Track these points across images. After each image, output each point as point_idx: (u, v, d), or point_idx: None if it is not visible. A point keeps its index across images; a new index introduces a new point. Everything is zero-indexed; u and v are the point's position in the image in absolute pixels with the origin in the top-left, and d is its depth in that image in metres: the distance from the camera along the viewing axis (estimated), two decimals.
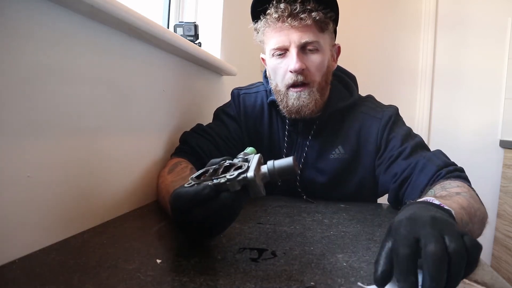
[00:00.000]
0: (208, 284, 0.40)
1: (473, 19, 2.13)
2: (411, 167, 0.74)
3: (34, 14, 0.46)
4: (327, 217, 0.73)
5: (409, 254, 0.34)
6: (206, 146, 0.81)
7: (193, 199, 0.43)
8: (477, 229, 0.57)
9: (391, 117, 0.83)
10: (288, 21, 0.74)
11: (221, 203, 0.43)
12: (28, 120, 0.46)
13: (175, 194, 0.46)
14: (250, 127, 0.90)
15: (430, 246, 0.33)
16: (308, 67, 0.77)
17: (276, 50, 0.78)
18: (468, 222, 0.52)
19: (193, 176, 0.47)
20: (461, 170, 0.70)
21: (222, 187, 0.43)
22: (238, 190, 0.43)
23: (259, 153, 0.49)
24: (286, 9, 0.74)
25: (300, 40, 0.75)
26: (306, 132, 0.86)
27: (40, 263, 0.44)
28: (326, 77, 0.81)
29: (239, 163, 0.46)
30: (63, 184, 0.52)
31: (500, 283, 0.43)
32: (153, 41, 0.74)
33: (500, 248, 1.95)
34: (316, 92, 0.79)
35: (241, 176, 0.43)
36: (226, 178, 0.43)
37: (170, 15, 1.21)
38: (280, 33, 0.77)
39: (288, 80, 0.78)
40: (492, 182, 2.05)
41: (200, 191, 0.43)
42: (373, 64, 2.26)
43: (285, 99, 0.80)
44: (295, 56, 0.76)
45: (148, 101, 0.77)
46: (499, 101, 2.11)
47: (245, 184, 0.43)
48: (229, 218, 0.48)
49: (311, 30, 0.76)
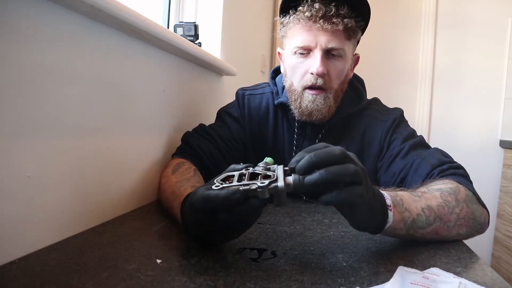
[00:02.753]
0: (208, 284, 0.40)
1: (473, 19, 2.13)
2: (407, 167, 0.74)
3: (34, 14, 0.46)
4: (327, 217, 0.73)
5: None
6: (207, 147, 0.81)
7: (224, 202, 0.43)
8: (456, 226, 0.57)
9: (395, 119, 0.82)
10: (320, 22, 0.72)
11: (248, 209, 0.43)
12: (28, 120, 0.46)
13: (204, 196, 0.45)
14: (254, 129, 0.89)
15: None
16: (329, 73, 0.76)
17: (300, 48, 0.76)
18: (432, 222, 0.54)
19: (218, 179, 0.47)
20: (457, 167, 0.70)
21: (251, 193, 0.44)
22: (266, 198, 0.44)
23: (282, 164, 0.49)
24: (320, 9, 0.72)
25: (327, 44, 0.74)
26: (314, 136, 0.85)
27: (40, 263, 0.44)
28: (342, 85, 0.80)
29: (265, 172, 0.46)
30: (63, 184, 0.52)
31: (500, 283, 0.43)
32: (153, 41, 0.74)
33: (500, 248, 1.95)
34: (331, 99, 0.78)
35: (272, 185, 0.43)
36: (257, 185, 0.43)
37: (170, 15, 1.21)
38: (309, 33, 0.75)
39: (307, 82, 0.77)
40: (492, 182, 2.05)
41: (231, 195, 0.43)
42: (373, 64, 2.26)
43: (299, 100, 0.79)
44: (319, 59, 0.74)
45: (148, 101, 0.77)
46: (499, 101, 2.11)
47: (273, 193, 0.44)
48: (248, 224, 0.48)
49: (339, 36, 0.74)
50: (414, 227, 0.53)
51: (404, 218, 0.52)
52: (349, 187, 0.43)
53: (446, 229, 0.56)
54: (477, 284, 0.40)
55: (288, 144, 0.87)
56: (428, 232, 0.55)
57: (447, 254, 0.52)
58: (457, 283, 0.40)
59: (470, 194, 0.62)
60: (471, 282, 0.41)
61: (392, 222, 0.50)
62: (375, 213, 0.48)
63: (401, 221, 0.52)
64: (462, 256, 0.52)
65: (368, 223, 0.48)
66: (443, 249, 0.54)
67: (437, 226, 0.55)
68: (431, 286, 0.39)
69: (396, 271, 0.43)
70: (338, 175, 0.42)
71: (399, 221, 0.51)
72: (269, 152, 0.88)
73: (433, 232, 0.55)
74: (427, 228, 0.54)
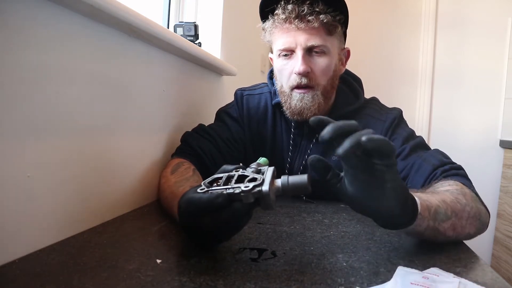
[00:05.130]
0: (208, 284, 0.40)
1: (473, 19, 2.13)
2: (408, 168, 0.74)
3: (34, 14, 0.46)
4: (327, 217, 0.73)
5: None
6: (207, 147, 0.81)
7: (206, 206, 0.43)
8: (467, 225, 0.57)
9: (394, 119, 0.82)
10: (295, 22, 0.73)
11: (232, 213, 0.43)
12: (28, 120, 0.46)
13: (188, 199, 0.46)
14: (253, 129, 0.89)
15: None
16: (314, 70, 0.77)
17: (282, 51, 0.78)
18: (450, 216, 0.52)
19: (206, 182, 0.47)
20: (458, 168, 0.70)
21: (235, 197, 0.43)
22: (250, 202, 0.44)
23: (273, 166, 0.49)
24: (293, 10, 0.73)
25: (306, 42, 0.75)
26: (311, 135, 0.85)
27: (40, 263, 0.44)
28: (332, 81, 0.80)
29: (253, 175, 0.46)
30: (63, 184, 0.52)
31: (500, 283, 0.43)
32: (153, 41, 0.74)
33: (500, 248, 1.95)
34: (320, 96, 0.78)
35: (256, 189, 0.43)
36: (241, 189, 0.43)
37: (170, 15, 1.21)
38: (287, 34, 0.76)
39: (293, 82, 0.78)
40: (492, 182, 2.05)
41: (214, 199, 0.43)
42: (373, 64, 2.26)
43: (289, 100, 0.80)
44: (300, 58, 0.75)
45: (148, 101, 0.77)
46: (499, 101, 2.11)
47: (258, 197, 0.43)
48: (237, 228, 0.47)
49: (318, 33, 0.75)
50: (437, 219, 0.51)
51: (428, 206, 0.49)
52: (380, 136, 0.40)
53: (461, 227, 0.55)
54: (477, 284, 0.40)
55: (287, 143, 0.88)
56: (448, 227, 0.52)
57: (447, 254, 0.52)
58: (457, 283, 0.40)
59: (474, 195, 0.62)
60: (471, 282, 0.41)
61: (420, 208, 0.47)
62: (406, 194, 0.45)
63: (426, 210, 0.49)
64: (462, 256, 0.52)
65: (400, 209, 0.45)
66: (443, 249, 0.54)
67: (454, 221, 0.53)
68: (431, 286, 0.39)
69: (396, 271, 0.43)
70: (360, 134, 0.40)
71: (425, 209, 0.48)
72: (269, 151, 0.88)
73: (451, 228, 0.53)
74: (447, 221, 0.52)
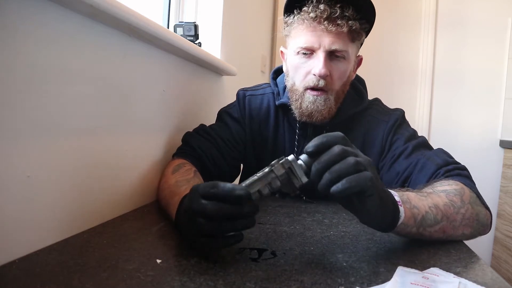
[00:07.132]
0: (208, 284, 0.40)
1: (473, 19, 2.13)
2: (411, 166, 0.74)
3: (34, 14, 0.46)
4: (327, 217, 0.73)
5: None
6: (208, 148, 0.81)
7: (226, 194, 0.44)
8: (461, 226, 0.57)
9: (397, 120, 0.82)
10: (325, 23, 0.72)
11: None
12: (28, 120, 0.46)
13: (209, 184, 0.46)
14: (254, 130, 0.89)
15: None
16: (332, 74, 0.76)
17: (303, 49, 0.76)
18: (440, 220, 0.54)
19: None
20: (462, 168, 0.70)
21: (266, 179, 0.45)
22: (282, 173, 0.46)
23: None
24: (325, 11, 0.71)
25: (331, 45, 0.73)
26: (315, 137, 0.85)
27: (40, 263, 0.44)
28: (344, 87, 0.80)
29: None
30: (63, 184, 0.52)
31: (500, 283, 0.43)
32: (153, 41, 0.74)
33: (500, 248, 1.95)
34: (332, 100, 0.78)
35: (284, 159, 0.46)
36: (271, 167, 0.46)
37: (170, 15, 1.21)
38: (312, 34, 0.74)
39: (309, 82, 0.76)
40: (492, 182, 2.05)
41: (235, 188, 0.44)
42: (373, 64, 2.26)
43: (300, 100, 0.78)
44: (322, 60, 0.73)
45: (148, 101, 0.77)
46: (499, 101, 2.11)
47: (289, 166, 0.46)
48: (222, 243, 0.47)
49: (343, 38, 0.74)
50: (424, 225, 0.53)
51: (414, 214, 0.51)
52: (357, 174, 0.43)
53: (452, 229, 0.56)
54: (477, 284, 0.40)
55: (289, 145, 0.87)
56: (436, 230, 0.55)
57: (447, 254, 0.52)
58: (457, 283, 0.40)
59: (474, 196, 0.62)
60: (471, 282, 0.41)
61: (403, 218, 0.50)
62: (387, 206, 0.47)
63: (411, 218, 0.51)
64: (462, 256, 0.52)
65: (380, 217, 0.48)
66: (443, 249, 0.54)
67: (444, 225, 0.55)
68: (431, 286, 0.39)
69: (396, 271, 0.44)
70: (339, 169, 0.43)
71: (410, 218, 0.51)
72: (270, 153, 0.88)
73: (440, 231, 0.55)
74: (435, 226, 0.54)
